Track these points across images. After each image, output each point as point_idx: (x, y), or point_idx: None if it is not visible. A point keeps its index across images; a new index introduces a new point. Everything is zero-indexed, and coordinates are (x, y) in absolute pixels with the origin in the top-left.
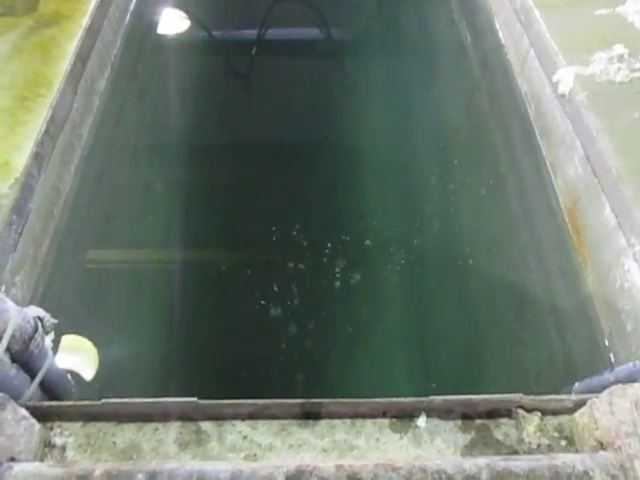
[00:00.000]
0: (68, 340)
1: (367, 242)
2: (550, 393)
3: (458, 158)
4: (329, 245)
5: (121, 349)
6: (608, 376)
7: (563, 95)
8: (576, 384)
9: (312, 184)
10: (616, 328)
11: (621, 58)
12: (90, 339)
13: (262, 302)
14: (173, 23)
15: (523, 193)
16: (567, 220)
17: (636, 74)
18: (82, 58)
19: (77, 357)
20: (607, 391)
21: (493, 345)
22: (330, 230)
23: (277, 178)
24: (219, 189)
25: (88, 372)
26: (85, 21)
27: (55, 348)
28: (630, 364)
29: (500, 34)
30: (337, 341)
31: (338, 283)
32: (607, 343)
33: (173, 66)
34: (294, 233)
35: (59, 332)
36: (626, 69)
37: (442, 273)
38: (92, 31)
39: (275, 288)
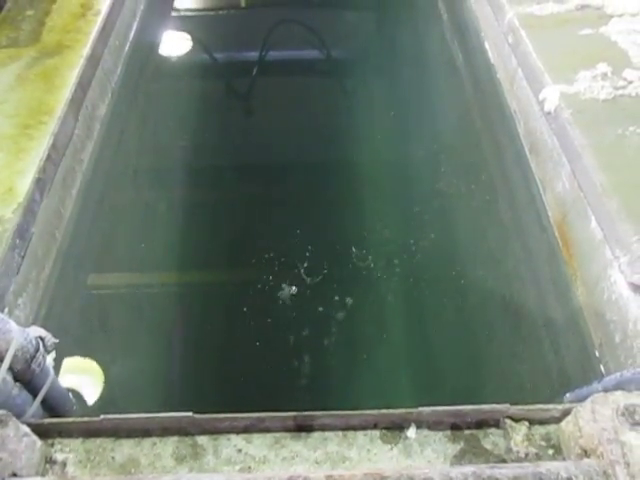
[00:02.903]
0: (69, 360)
1: (361, 257)
2: (540, 402)
3: (451, 174)
4: (326, 262)
5: (121, 369)
6: (597, 386)
7: (549, 113)
8: (567, 395)
9: (313, 203)
10: (605, 339)
11: (605, 76)
12: (91, 359)
13: (261, 321)
14: (172, 49)
15: (514, 208)
16: (557, 234)
17: (619, 92)
18: (83, 86)
19: (78, 376)
20: (590, 399)
21: (488, 358)
22: (327, 246)
23: (279, 199)
24: (221, 211)
25: (89, 391)
26: (86, 51)
27: (56, 367)
28: (617, 374)
29: (490, 54)
30: (334, 356)
31: (334, 297)
32: (597, 354)
33: (173, 91)
34: (294, 251)
35: (60, 352)
36: (610, 87)
37: (436, 287)
38: (93, 60)
39: (274, 306)
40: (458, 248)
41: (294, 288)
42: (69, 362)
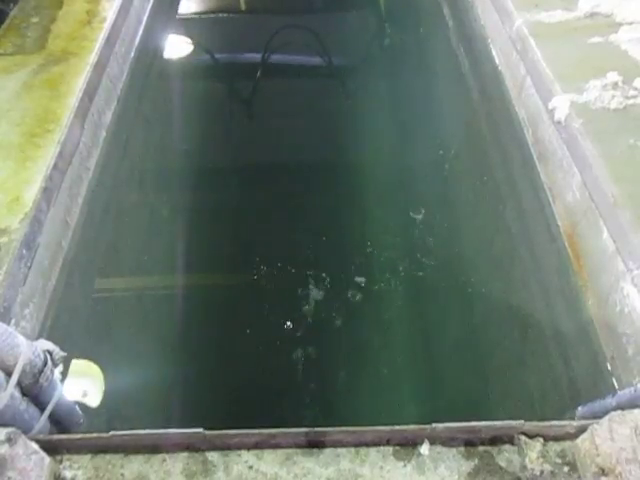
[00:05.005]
0: (76, 370)
1: (368, 266)
2: (554, 418)
3: (459, 182)
4: (331, 269)
5: (129, 378)
6: (610, 401)
7: (559, 122)
8: (579, 408)
9: (316, 206)
10: (617, 352)
11: (615, 85)
12: (98, 369)
13: (268, 329)
14: (177, 55)
15: (523, 218)
16: (567, 244)
17: (630, 101)
18: (89, 93)
19: (85, 388)
20: (607, 417)
21: (498, 369)
22: (332, 252)
23: (284, 202)
24: (225, 216)
25: (96, 402)
26: (92, 58)
27: (63, 379)
28: (631, 389)
29: (497, 61)
30: (342, 365)
31: (340, 307)
32: (609, 367)
33: (178, 97)
34: (299, 257)
35: (67, 363)
36: (620, 96)
37: (445, 297)
38: (99, 67)
39: (282, 314)
40: (466, 258)
41: (304, 301)
42: (76, 372)
